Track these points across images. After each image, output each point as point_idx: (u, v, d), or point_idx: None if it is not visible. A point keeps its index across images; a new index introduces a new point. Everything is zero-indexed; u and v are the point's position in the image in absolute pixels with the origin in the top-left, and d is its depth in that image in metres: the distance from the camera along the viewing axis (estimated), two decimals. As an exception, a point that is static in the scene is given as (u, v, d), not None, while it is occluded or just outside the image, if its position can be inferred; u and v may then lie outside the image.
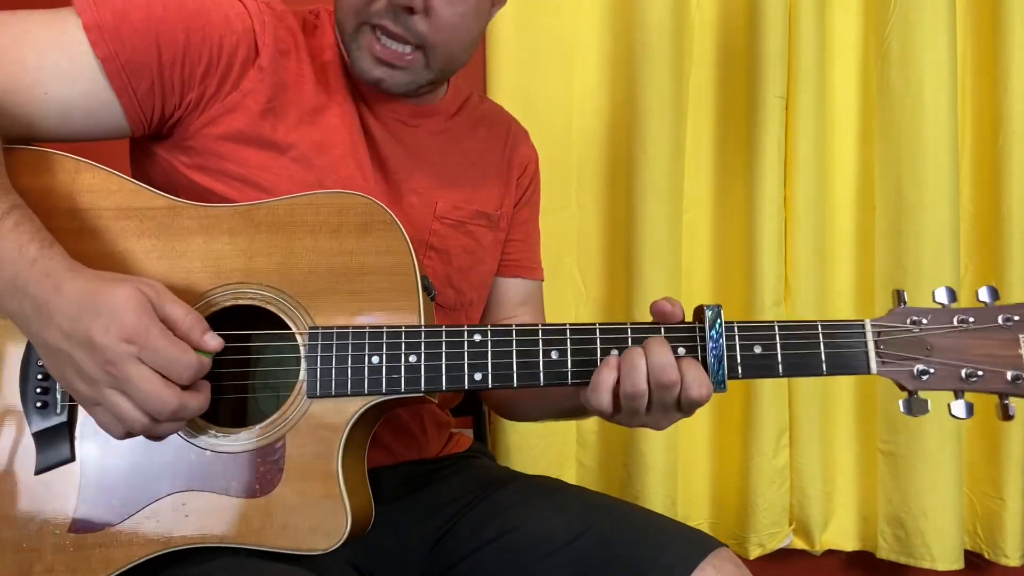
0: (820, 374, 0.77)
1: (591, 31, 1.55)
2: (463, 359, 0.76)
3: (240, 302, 0.76)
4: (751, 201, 1.48)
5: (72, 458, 0.74)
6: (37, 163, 0.78)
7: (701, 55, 1.55)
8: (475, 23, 0.89)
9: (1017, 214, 1.46)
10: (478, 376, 0.76)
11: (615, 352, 0.76)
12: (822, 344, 0.77)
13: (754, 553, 1.51)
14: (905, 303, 0.79)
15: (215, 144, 0.83)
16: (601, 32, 1.55)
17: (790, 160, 1.49)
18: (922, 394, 0.77)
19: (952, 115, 1.44)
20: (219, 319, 0.76)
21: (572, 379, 0.76)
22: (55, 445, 0.74)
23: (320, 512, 0.73)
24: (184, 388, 0.68)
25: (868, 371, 0.76)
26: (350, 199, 0.79)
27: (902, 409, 0.77)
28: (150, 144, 0.86)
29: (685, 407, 0.75)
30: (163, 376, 0.66)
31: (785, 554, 1.55)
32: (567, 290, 1.55)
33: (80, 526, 0.73)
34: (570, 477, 1.55)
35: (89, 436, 0.74)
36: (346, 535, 0.73)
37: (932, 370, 0.76)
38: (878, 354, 0.77)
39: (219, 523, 0.73)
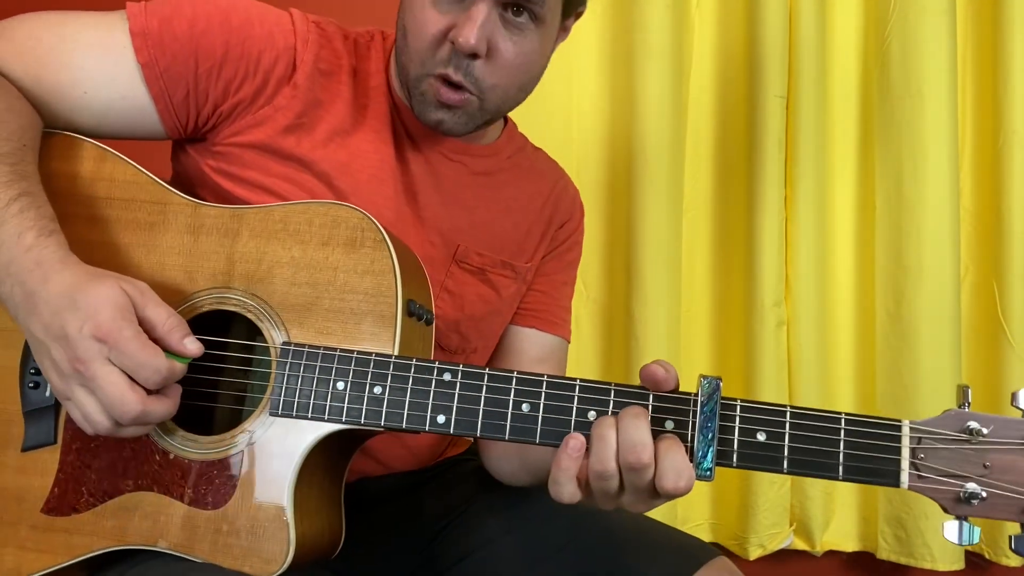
0: (834, 478, 0.64)
1: (591, 32, 1.55)
2: (428, 398, 0.70)
3: (223, 307, 0.76)
4: (751, 201, 1.48)
5: (55, 441, 0.75)
6: (66, 148, 0.80)
7: (701, 56, 1.55)
8: (538, 62, 0.87)
9: (1017, 214, 1.46)
10: (441, 419, 0.70)
11: (591, 415, 0.67)
12: (842, 443, 0.64)
13: (754, 554, 1.51)
14: (968, 404, 0.63)
15: (239, 151, 0.84)
16: (601, 32, 1.55)
17: (790, 160, 1.49)
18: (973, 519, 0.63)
19: (952, 115, 1.44)
20: (206, 321, 0.76)
21: (541, 438, 0.68)
22: (41, 426, 0.75)
23: (264, 536, 0.70)
24: (154, 393, 0.67)
25: (897, 484, 0.63)
26: (345, 212, 0.76)
27: (949, 536, 0.63)
28: (186, 144, 0.88)
29: (663, 495, 0.65)
30: (132, 379, 0.66)
31: (786, 555, 1.55)
32: (567, 290, 1.55)
33: (52, 508, 0.74)
34: (570, 477, 1.54)
35: (71, 421, 0.74)
36: (286, 565, 0.70)
37: (985, 494, 0.61)
38: (914, 465, 0.63)
39: (170, 529, 0.72)
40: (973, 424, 0.62)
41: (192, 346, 0.69)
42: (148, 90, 0.80)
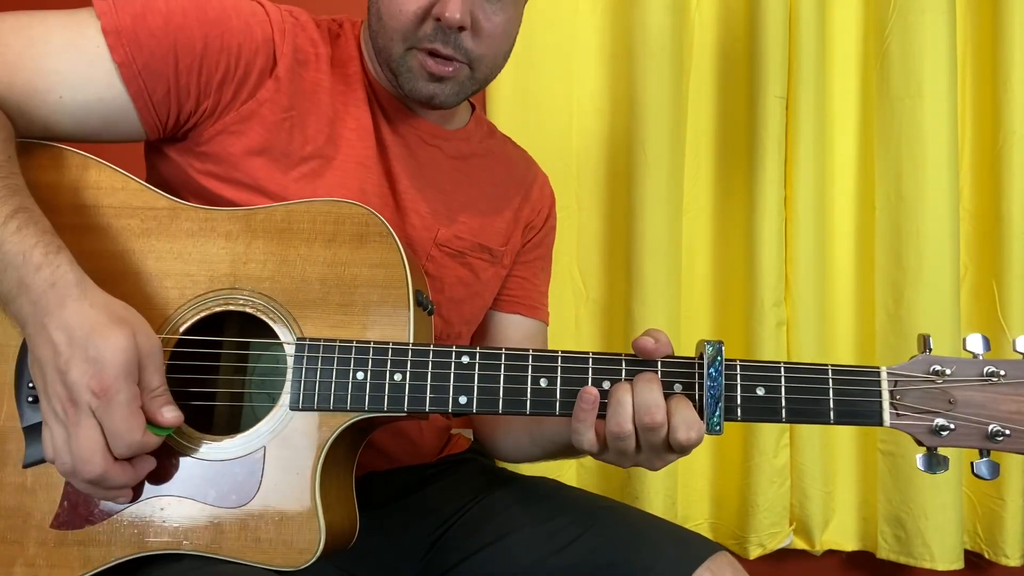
0: (827, 422, 0.72)
1: (591, 32, 1.55)
2: (449, 380, 0.73)
3: (231, 308, 0.76)
4: (751, 201, 1.48)
5: None
6: (46, 158, 0.78)
7: (701, 56, 1.55)
8: (514, 29, 0.90)
9: (1017, 214, 1.46)
10: (463, 399, 0.73)
11: (606, 384, 0.72)
12: (831, 391, 0.71)
13: (754, 553, 1.51)
14: (930, 350, 0.72)
15: (228, 152, 0.83)
16: (601, 32, 1.55)
17: (790, 160, 1.49)
18: (942, 450, 0.71)
19: (952, 115, 1.44)
20: (212, 323, 0.76)
21: (560, 409, 0.73)
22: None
23: (294, 528, 0.72)
24: (121, 460, 0.67)
25: (881, 423, 0.71)
26: (348, 208, 0.78)
27: (920, 466, 0.71)
28: (164, 147, 0.86)
29: (676, 449, 0.70)
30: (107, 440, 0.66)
31: (785, 554, 1.55)
32: (567, 290, 1.55)
33: (62, 522, 0.73)
34: (570, 477, 1.55)
35: None
36: (319, 553, 0.71)
37: (953, 426, 0.70)
38: (893, 405, 0.71)
39: (195, 531, 0.72)
40: (937, 366, 0.71)
41: (169, 415, 0.68)
42: (126, 89, 0.78)
